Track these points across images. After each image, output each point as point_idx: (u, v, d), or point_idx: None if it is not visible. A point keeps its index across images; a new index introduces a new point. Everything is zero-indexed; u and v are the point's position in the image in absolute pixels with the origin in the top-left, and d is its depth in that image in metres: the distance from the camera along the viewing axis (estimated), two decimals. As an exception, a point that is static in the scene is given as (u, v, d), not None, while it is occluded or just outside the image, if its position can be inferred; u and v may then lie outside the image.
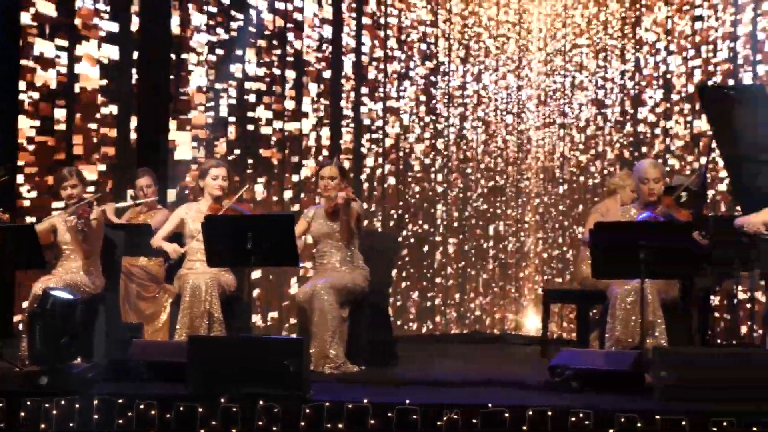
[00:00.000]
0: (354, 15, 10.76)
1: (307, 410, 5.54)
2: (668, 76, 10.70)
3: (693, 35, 10.49)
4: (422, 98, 11.29)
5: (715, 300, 9.73)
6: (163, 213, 8.32)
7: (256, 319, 9.68)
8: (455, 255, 11.40)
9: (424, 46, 11.31)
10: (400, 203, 11.11)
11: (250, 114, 10.01)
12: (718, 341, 9.79)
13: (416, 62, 11.26)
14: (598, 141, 11.19)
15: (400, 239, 10.78)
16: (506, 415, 5.42)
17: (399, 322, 10.66)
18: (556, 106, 11.51)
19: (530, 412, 5.41)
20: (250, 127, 10.03)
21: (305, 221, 7.69)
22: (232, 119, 9.94)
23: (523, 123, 11.58)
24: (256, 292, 9.67)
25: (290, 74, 10.27)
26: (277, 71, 10.18)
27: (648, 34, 10.93)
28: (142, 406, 5.61)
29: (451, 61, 11.46)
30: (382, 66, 10.98)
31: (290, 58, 10.27)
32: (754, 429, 5.18)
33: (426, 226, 11.25)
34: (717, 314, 9.94)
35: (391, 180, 11.07)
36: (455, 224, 11.41)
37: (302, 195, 10.29)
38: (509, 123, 11.59)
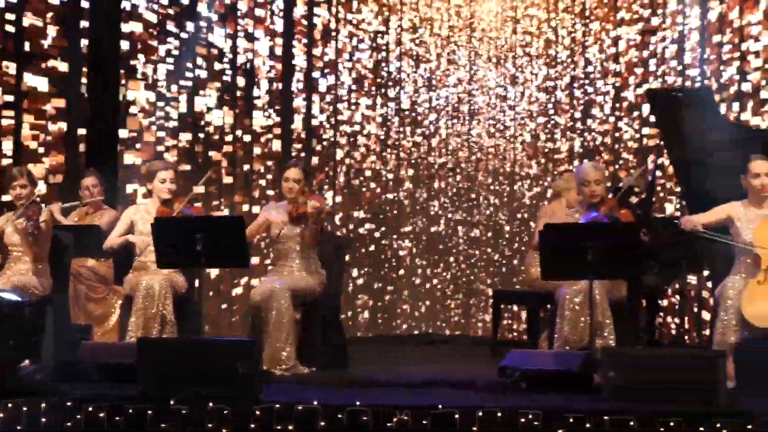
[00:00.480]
0: (305, 23, 10.73)
1: (258, 412, 5.53)
2: (617, 83, 10.77)
3: (643, 39, 10.58)
4: (375, 103, 11.30)
5: (663, 300, 9.83)
6: (111, 213, 8.26)
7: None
8: (407, 257, 11.42)
9: (375, 54, 11.31)
10: (353, 206, 11.11)
11: (201, 121, 9.95)
12: (665, 341, 9.89)
13: (368, 69, 11.26)
14: (547, 146, 11.24)
15: (352, 242, 10.78)
16: (456, 416, 5.44)
17: (350, 324, 10.66)
18: (507, 111, 11.54)
19: (480, 413, 5.43)
20: (200, 135, 9.97)
21: (264, 215, 7.64)
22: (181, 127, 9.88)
23: (475, 128, 11.60)
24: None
25: (241, 82, 10.23)
26: (227, 80, 10.13)
27: (598, 37, 11.00)
28: (91, 408, 5.58)
29: (401, 69, 11.47)
30: (333, 73, 10.97)
31: (241, 68, 10.23)
32: (701, 429, 5.23)
33: (379, 230, 11.25)
34: (664, 314, 10.04)
35: (344, 184, 11.07)
36: (407, 227, 11.43)
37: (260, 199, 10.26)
38: (461, 128, 11.61)
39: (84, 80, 9.14)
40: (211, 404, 5.53)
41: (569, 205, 8.24)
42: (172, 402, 5.56)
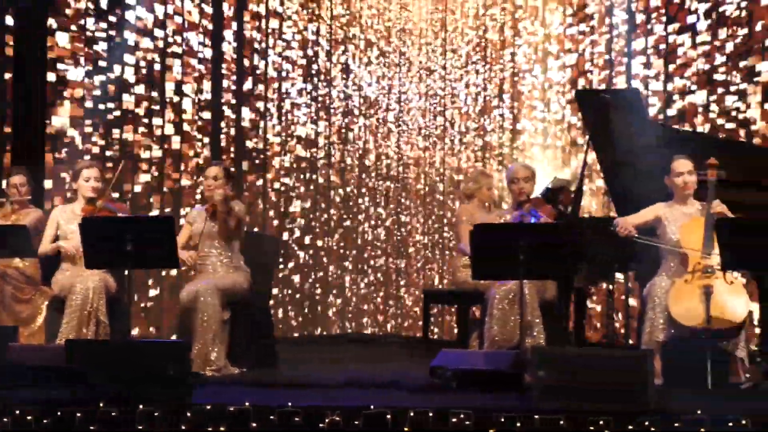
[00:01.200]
0: (235, 22, 10.68)
1: (189, 414, 5.49)
2: (547, 84, 10.86)
3: (572, 39, 10.67)
4: (304, 102, 11.27)
5: (590, 300, 9.93)
6: (36, 213, 8.15)
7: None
8: (336, 256, 11.41)
9: (303, 53, 11.28)
10: (281, 205, 11.09)
11: (130, 116, 9.86)
12: (594, 340, 9.99)
13: (298, 67, 11.24)
14: (473, 147, 11.29)
15: (281, 241, 10.75)
16: (388, 416, 5.44)
17: (280, 324, 10.62)
18: (438, 111, 11.58)
19: (412, 413, 5.44)
20: (128, 136, 9.88)
21: (188, 225, 7.64)
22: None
23: (405, 127, 11.62)
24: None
25: (170, 85, 10.16)
26: (156, 75, 10.05)
27: (526, 39, 11.07)
28: (18, 412, 5.50)
29: (332, 65, 11.46)
30: (263, 71, 10.92)
31: (170, 62, 10.14)
32: (630, 427, 5.29)
33: (309, 228, 11.24)
34: (592, 314, 10.14)
35: (275, 184, 11.03)
36: (337, 226, 11.42)
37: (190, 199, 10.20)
38: (391, 127, 11.62)
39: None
40: (141, 406, 5.48)
41: (482, 202, 8.34)
42: (101, 404, 5.50)
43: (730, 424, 5.26)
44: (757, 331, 6.76)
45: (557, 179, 9.17)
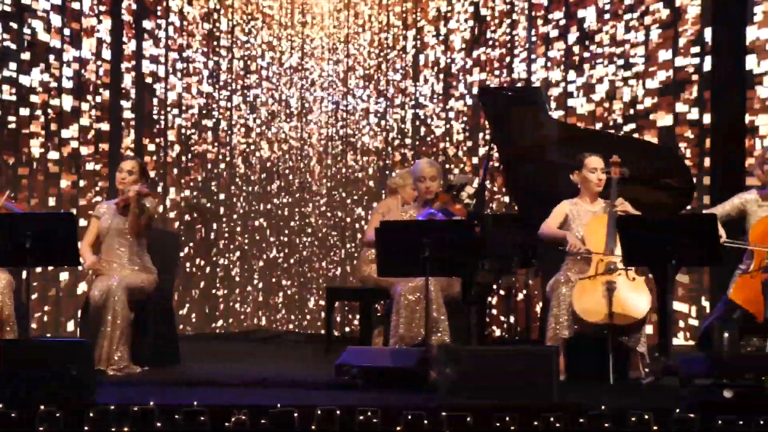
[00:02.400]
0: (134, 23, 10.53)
1: (91, 414, 5.40)
2: (450, 82, 10.89)
3: (472, 36, 10.72)
4: (207, 101, 11.17)
5: (493, 296, 10.01)
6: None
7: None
8: (239, 253, 11.32)
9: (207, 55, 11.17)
10: (183, 201, 10.98)
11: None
12: (498, 337, 10.08)
13: (200, 69, 11.12)
14: (379, 144, 11.28)
15: (183, 238, 10.64)
16: (295, 414, 5.41)
17: (182, 320, 10.51)
18: (339, 107, 11.54)
19: (319, 411, 5.41)
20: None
21: (95, 219, 7.48)
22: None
23: (306, 124, 11.56)
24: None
25: (68, 84, 9.99)
26: (53, 82, 9.88)
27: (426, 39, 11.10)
28: None
29: (234, 59, 11.37)
30: (164, 72, 10.80)
31: (68, 69, 9.98)
32: (536, 423, 5.34)
33: (211, 224, 11.13)
34: (495, 310, 10.22)
35: (177, 176, 10.92)
36: (239, 222, 11.33)
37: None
38: (293, 123, 11.55)
39: None
40: (42, 407, 5.37)
41: (405, 201, 8.34)
42: (0, 405, 5.38)
43: (633, 419, 5.33)
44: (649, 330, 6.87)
45: (459, 176, 9.24)
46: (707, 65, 9.15)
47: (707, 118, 9.14)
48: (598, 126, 9.72)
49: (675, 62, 9.37)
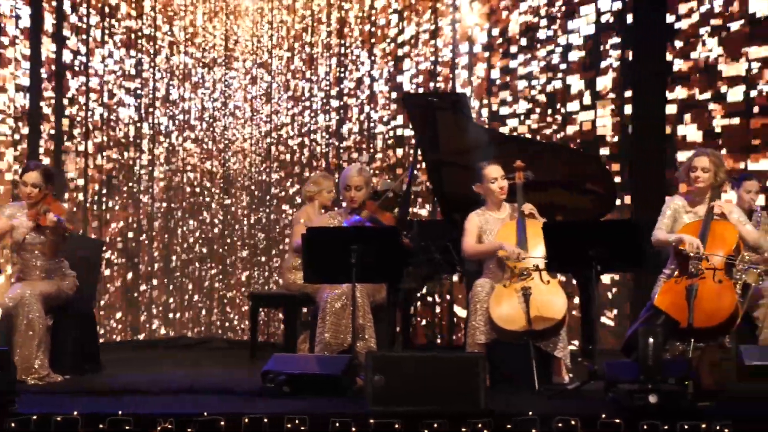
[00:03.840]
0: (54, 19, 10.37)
1: (12, 424, 5.31)
2: (375, 88, 10.89)
3: (396, 41, 10.74)
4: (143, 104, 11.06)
5: (417, 302, 10.03)
6: None
7: None
8: (161, 259, 11.21)
9: (133, 54, 11.05)
10: (102, 204, 10.85)
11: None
12: (422, 343, 10.10)
13: (127, 69, 11.01)
14: (304, 150, 11.25)
15: (104, 243, 10.50)
16: (222, 423, 5.39)
17: (104, 328, 10.39)
18: (265, 114, 11.49)
19: (246, 420, 5.40)
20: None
21: (5, 220, 7.30)
22: None
23: (231, 132, 11.49)
24: None
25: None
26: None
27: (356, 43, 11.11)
28: None
29: (159, 62, 11.27)
30: (84, 72, 10.66)
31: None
32: (463, 429, 5.36)
33: (134, 231, 11.01)
34: (419, 316, 10.25)
35: (96, 185, 10.79)
36: (161, 229, 11.22)
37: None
38: (219, 133, 11.48)
39: None
40: (-40, 418, 5.28)
41: (323, 204, 8.37)
42: None
43: (560, 424, 5.38)
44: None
45: (384, 182, 9.25)
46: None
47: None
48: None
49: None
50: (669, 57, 9.20)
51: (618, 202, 8.61)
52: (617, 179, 9.06)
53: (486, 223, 7.17)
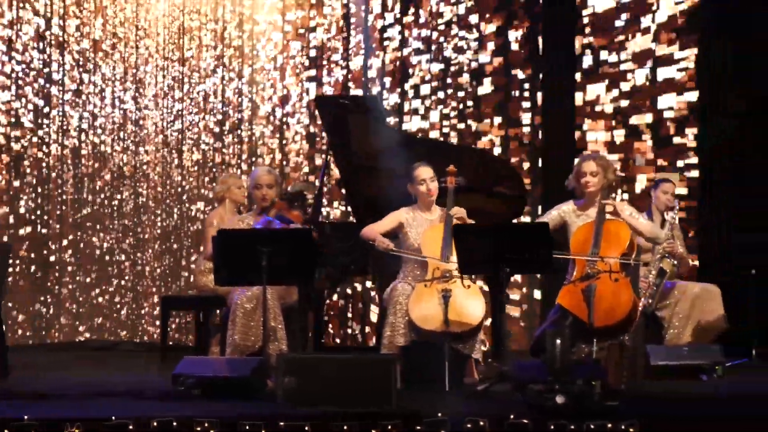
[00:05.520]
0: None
1: None
2: (285, 90, 10.85)
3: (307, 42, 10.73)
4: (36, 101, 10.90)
5: (330, 304, 10.03)
6: None
7: None
8: (72, 261, 11.06)
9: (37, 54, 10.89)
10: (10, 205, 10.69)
11: None
12: (333, 344, 10.11)
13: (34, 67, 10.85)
14: (208, 150, 11.15)
15: (10, 245, 10.33)
16: (131, 426, 5.34)
17: (11, 333, 10.22)
18: (168, 118, 11.36)
19: (155, 423, 5.35)
20: None
21: None
22: None
23: (137, 134, 11.33)
24: None
25: None
26: None
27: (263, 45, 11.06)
28: None
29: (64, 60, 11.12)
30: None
31: None
32: (374, 431, 5.37)
33: (41, 233, 10.85)
34: (332, 318, 10.25)
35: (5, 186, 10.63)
36: (72, 232, 11.07)
37: None
38: (123, 135, 11.32)
39: None
40: None
41: (235, 202, 8.35)
42: None
43: (469, 425, 5.42)
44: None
45: (296, 184, 9.25)
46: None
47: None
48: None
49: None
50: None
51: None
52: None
53: (414, 221, 7.19)
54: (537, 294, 9.62)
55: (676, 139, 9.32)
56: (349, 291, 10.25)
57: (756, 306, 8.32)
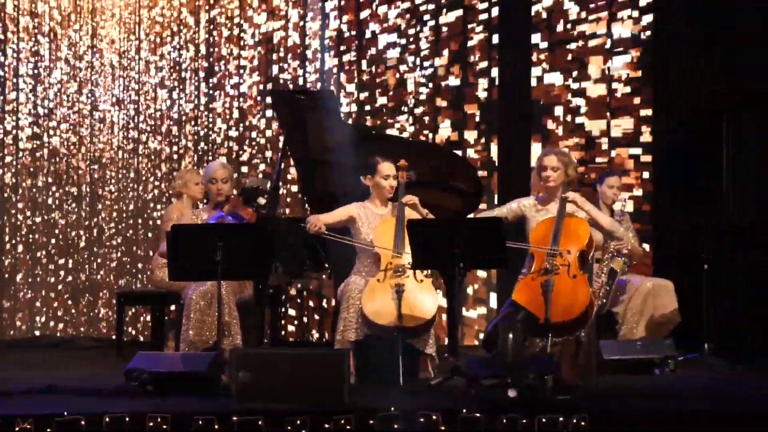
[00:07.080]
0: None
1: None
2: (241, 85, 10.83)
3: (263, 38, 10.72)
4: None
5: (285, 299, 10.02)
6: None
7: None
8: (22, 256, 10.98)
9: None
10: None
11: None
12: (290, 339, 10.10)
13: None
14: (165, 146, 11.11)
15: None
16: (82, 422, 5.33)
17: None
18: (131, 106, 11.32)
19: (107, 419, 5.36)
20: None
21: None
22: None
23: (99, 126, 11.28)
24: None
25: None
26: None
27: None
28: None
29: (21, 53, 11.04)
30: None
31: None
32: (327, 426, 5.39)
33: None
34: (287, 313, 10.25)
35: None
36: (26, 226, 10.99)
37: None
38: (84, 127, 11.26)
39: None
40: None
41: (192, 198, 8.34)
42: None
43: (422, 420, 5.45)
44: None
45: (252, 179, 9.24)
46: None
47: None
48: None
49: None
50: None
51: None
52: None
53: (365, 217, 7.20)
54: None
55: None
56: (306, 285, 10.24)
57: (708, 300, 8.38)
